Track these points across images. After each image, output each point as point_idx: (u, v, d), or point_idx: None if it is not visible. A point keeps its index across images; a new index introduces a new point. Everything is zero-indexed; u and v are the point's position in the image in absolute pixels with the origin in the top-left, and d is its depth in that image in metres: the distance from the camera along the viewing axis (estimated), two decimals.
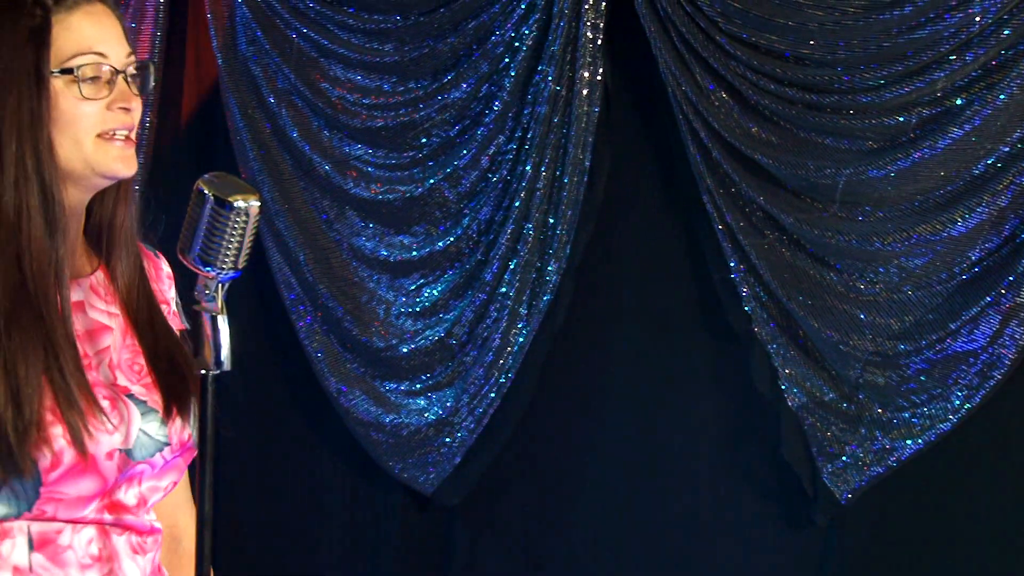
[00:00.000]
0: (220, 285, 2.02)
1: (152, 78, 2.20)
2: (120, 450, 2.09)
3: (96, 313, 2.18)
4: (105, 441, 2.07)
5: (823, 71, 4.78)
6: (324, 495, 5.32)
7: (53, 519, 2.08)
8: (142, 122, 4.96)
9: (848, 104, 4.78)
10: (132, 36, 4.99)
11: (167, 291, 2.35)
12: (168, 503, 2.32)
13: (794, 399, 4.91)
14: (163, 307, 2.30)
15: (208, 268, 2.00)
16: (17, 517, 2.06)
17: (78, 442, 2.03)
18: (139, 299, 2.23)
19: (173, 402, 2.18)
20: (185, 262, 2.02)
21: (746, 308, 4.93)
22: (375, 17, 5.08)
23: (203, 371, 2.02)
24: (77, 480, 2.06)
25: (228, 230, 1.98)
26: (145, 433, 2.13)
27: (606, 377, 5.17)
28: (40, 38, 2.07)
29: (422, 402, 5.15)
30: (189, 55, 5.21)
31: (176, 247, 2.02)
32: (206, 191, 1.99)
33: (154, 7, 5.08)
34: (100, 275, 2.21)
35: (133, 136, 2.16)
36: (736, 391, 5.07)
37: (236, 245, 1.99)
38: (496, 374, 5.08)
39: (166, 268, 2.37)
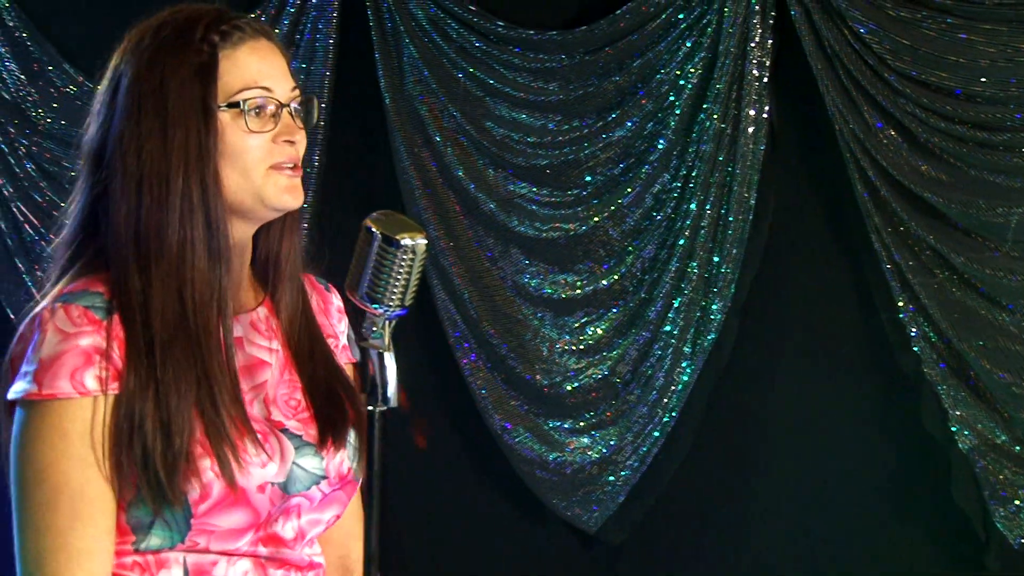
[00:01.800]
0: (387, 322, 2.03)
1: (316, 112, 2.21)
2: (273, 483, 2.10)
3: (255, 349, 2.20)
4: (256, 474, 2.08)
5: (994, 108, 4.71)
6: (488, 532, 5.33)
7: (207, 551, 2.09)
8: (310, 160, 5.10)
9: (1020, 141, 4.70)
10: (302, 76, 5.11)
11: (336, 325, 2.36)
12: (340, 533, 2.32)
13: (965, 441, 4.82)
14: (331, 341, 2.30)
15: (375, 305, 2.01)
16: (172, 548, 2.08)
17: (227, 474, 2.04)
18: (300, 332, 2.24)
19: (328, 435, 2.18)
20: (353, 299, 2.03)
21: (915, 348, 4.86)
22: (540, 56, 5.10)
23: (370, 407, 2.03)
24: (228, 512, 2.07)
25: (395, 268, 1.99)
26: (300, 467, 2.14)
27: (771, 417, 5.12)
28: (208, 73, 2.10)
29: (586, 440, 5.14)
30: (357, 95, 5.27)
31: (344, 284, 2.04)
32: (374, 229, 2.00)
33: (324, 48, 5.16)
34: (263, 310, 2.23)
35: (298, 167, 2.18)
36: (905, 432, 4.99)
37: (403, 283, 2.00)
38: (660, 413, 5.06)
39: (337, 302, 2.37)
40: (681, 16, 5.00)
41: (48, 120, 5.32)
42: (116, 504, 2.05)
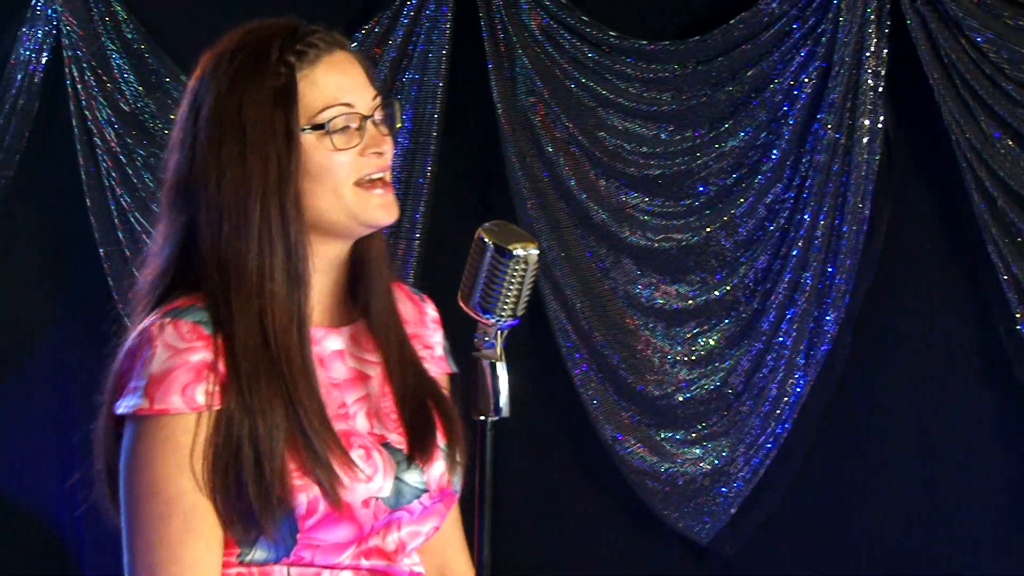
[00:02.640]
0: (499, 332, 2.03)
1: (399, 114, 2.20)
2: (377, 498, 2.11)
3: (355, 362, 2.20)
4: (360, 489, 2.09)
5: None
6: (599, 543, 5.32)
7: (311, 564, 2.10)
8: (422, 170, 5.13)
9: None
10: (415, 87, 5.14)
11: (431, 335, 2.35)
12: (438, 543, 2.33)
13: None
14: (425, 352, 2.31)
15: (487, 315, 2.02)
16: (276, 562, 2.10)
17: (330, 494, 2.05)
18: (391, 345, 2.24)
19: (418, 447, 2.18)
20: (465, 309, 2.04)
21: None
22: (653, 66, 5.09)
23: (481, 417, 2.04)
24: (333, 528, 2.08)
25: (507, 278, 2.00)
26: (402, 480, 2.14)
27: (885, 430, 5.06)
28: (287, 97, 2.10)
29: (698, 451, 5.12)
30: (469, 105, 5.29)
31: (457, 294, 2.05)
32: (486, 239, 2.01)
33: (437, 59, 5.18)
34: (361, 324, 2.24)
35: (388, 178, 2.17)
36: (1023, 448, 4.92)
37: (515, 293, 2.01)
38: (772, 424, 5.03)
39: (431, 312, 2.37)
40: (796, 25, 4.97)
41: (165, 131, 5.39)
42: (223, 517, 2.07)
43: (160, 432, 2.04)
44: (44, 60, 5.43)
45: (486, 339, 2.04)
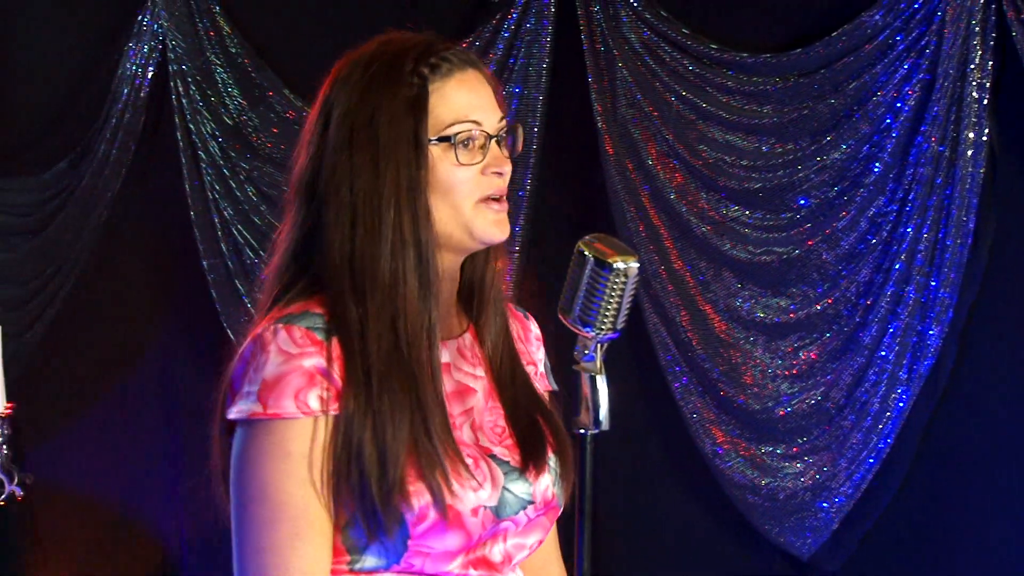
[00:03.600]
0: (599, 345, 2.03)
1: (521, 140, 2.23)
2: (485, 507, 2.12)
3: (462, 375, 2.22)
4: (470, 498, 2.10)
5: None
6: (700, 557, 5.30)
7: (420, 572, 2.11)
8: (521, 183, 5.14)
9: None
10: (515, 100, 5.16)
11: (535, 352, 2.37)
12: (538, 559, 2.33)
13: None
14: (530, 368, 2.32)
15: (587, 328, 2.02)
16: (386, 569, 2.11)
17: (439, 501, 2.06)
18: (503, 359, 2.25)
19: (530, 460, 2.19)
20: (565, 322, 2.04)
21: None
22: (754, 79, 5.08)
23: (581, 430, 2.04)
24: (443, 535, 2.09)
25: (607, 291, 2.00)
26: (510, 491, 2.15)
27: (989, 444, 5.01)
28: (419, 107, 2.12)
29: (799, 466, 5.09)
30: (569, 118, 5.30)
31: (556, 307, 2.05)
32: (586, 252, 2.01)
33: (537, 72, 5.20)
34: (468, 337, 2.25)
35: (504, 199, 2.19)
36: None
37: (615, 306, 2.01)
38: (875, 439, 4.99)
39: (535, 330, 2.39)
40: (899, 38, 4.93)
41: (268, 145, 5.44)
42: (333, 524, 2.08)
43: (271, 436, 2.06)
44: (150, 75, 5.51)
45: (586, 352, 2.04)
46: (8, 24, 5.65)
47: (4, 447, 4.33)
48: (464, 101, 2.15)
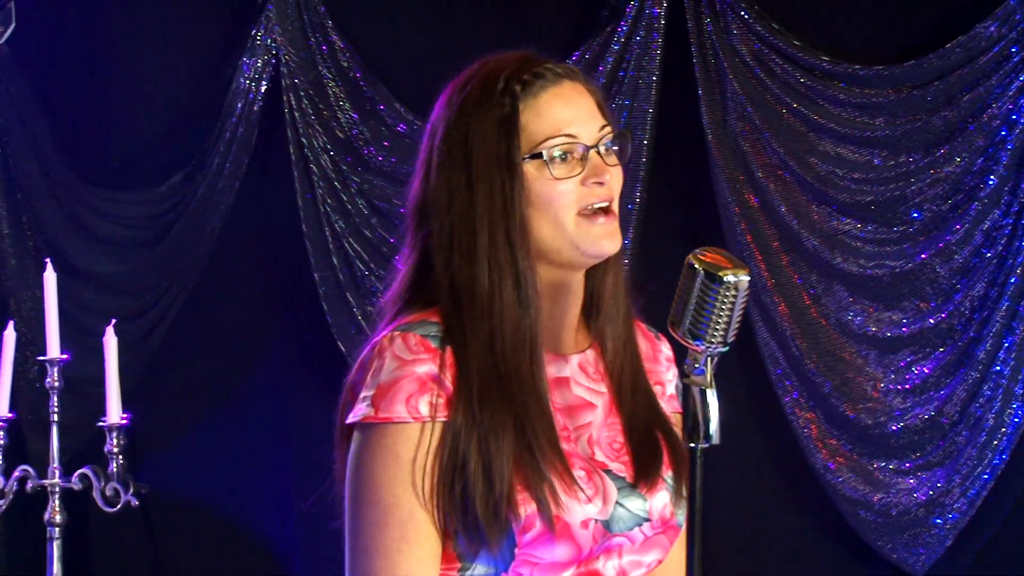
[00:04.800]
0: (709, 359, 2.03)
1: (629, 147, 2.22)
2: (595, 520, 2.12)
3: (580, 390, 2.22)
4: (578, 510, 2.10)
5: None
6: (811, 573, 5.26)
7: None
8: (631, 195, 5.14)
9: None
10: (625, 113, 5.16)
11: (663, 373, 2.35)
12: None
13: None
14: (656, 388, 2.31)
15: (697, 342, 2.01)
16: None
17: (545, 513, 2.07)
18: (624, 375, 2.24)
19: (642, 477, 2.19)
20: (675, 335, 2.04)
21: None
22: (866, 91, 5.04)
23: (691, 444, 2.03)
24: (551, 546, 2.10)
25: (717, 304, 1.99)
26: (623, 507, 2.14)
27: None
28: (510, 126, 2.13)
29: (912, 481, 5.04)
30: (679, 131, 5.28)
31: (666, 320, 2.04)
32: (696, 265, 2.00)
33: (647, 85, 5.19)
34: (591, 353, 2.25)
35: (614, 207, 2.19)
36: None
37: (725, 319, 2.00)
38: (989, 455, 4.93)
39: (666, 351, 2.37)
40: (1015, 49, 4.88)
41: (379, 158, 5.48)
42: (443, 530, 2.10)
43: (382, 440, 2.09)
44: (263, 88, 5.56)
45: (696, 366, 2.03)
46: (125, 39, 5.74)
47: (120, 457, 4.39)
48: (557, 115, 2.15)
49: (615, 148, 2.19)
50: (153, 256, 5.65)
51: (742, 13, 5.15)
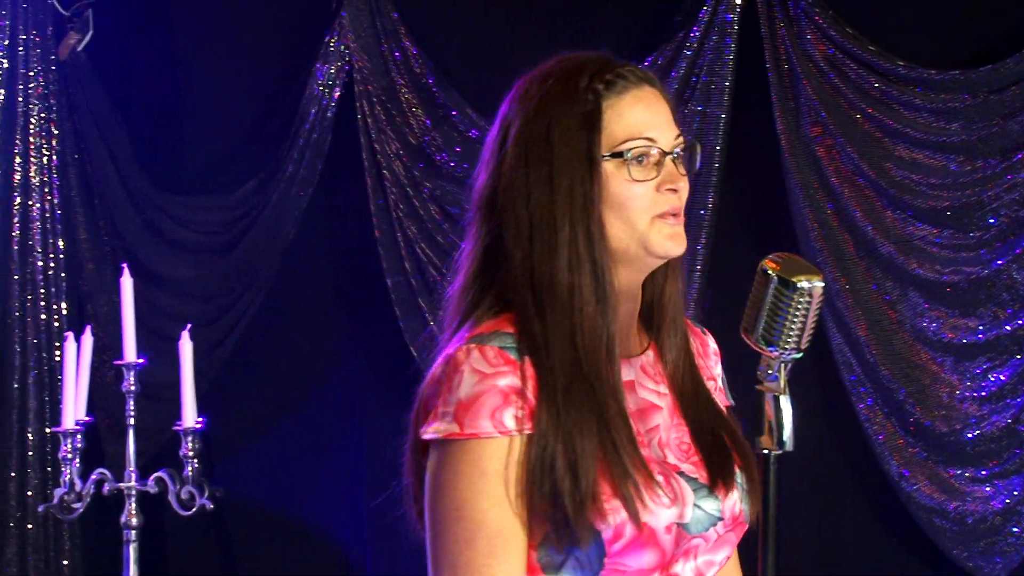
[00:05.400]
0: (783, 365, 2.02)
1: (698, 158, 2.22)
2: (676, 524, 2.12)
3: (646, 392, 2.22)
4: (663, 515, 2.10)
5: None
6: None
7: None
8: (703, 201, 5.12)
9: None
10: (697, 119, 5.15)
11: (713, 368, 2.36)
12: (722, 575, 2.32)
13: None
14: (709, 384, 2.31)
15: (771, 348, 2.01)
16: None
17: (633, 515, 2.07)
18: (684, 376, 2.25)
19: (718, 477, 2.18)
20: (748, 342, 2.03)
21: None
22: (942, 96, 5.01)
23: (765, 451, 2.02)
24: (639, 553, 2.10)
25: (791, 310, 1.99)
26: (699, 508, 2.15)
27: None
28: (592, 123, 2.13)
29: (988, 489, 4.99)
30: (752, 136, 5.27)
31: (739, 327, 2.04)
32: (770, 271, 2.00)
33: (720, 91, 5.18)
34: (650, 354, 2.25)
35: (681, 215, 2.19)
36: None
37: (799, 326, 1.99)
38: None
39: (712, 345, 2.38)
40: None
41: (451, 164, 5.49)
42: (527, 542, 2.10)
43: (467, 456, 2.08)
44: (336, 95, 5.59)
45: (769, 372, 2.03)
46: (200, 46, 5.79)
47: (195, 461, 4.42)
48: (639, 118, 2.16)
49: (686, 159, 2.19)
50: (227, 262, 5.69)
51: (816, 18, 5.12)
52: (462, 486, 2.09)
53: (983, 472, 5.01)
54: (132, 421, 4.52)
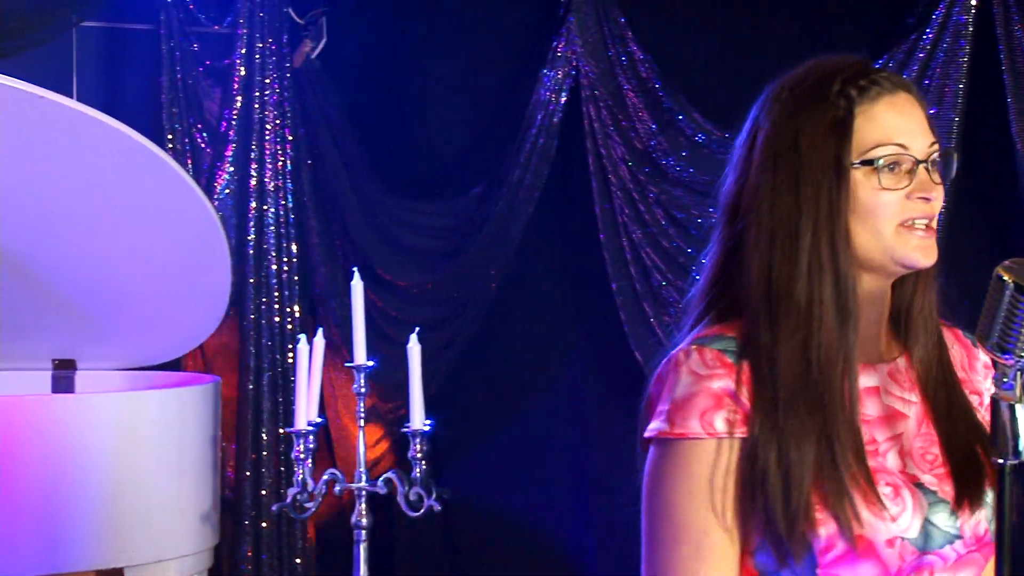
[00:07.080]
0: (1019, 373, 1.97)
1: (954, 166, 2.17)
2: (903, 538, 2.08)
3: (892, 399, 2.17)
4: (882, 528, 2.05)
5: None
6: None
7: None
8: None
9: None
10: (930, 121, 5.05)
11: (981, 382, 2.28)
12: None
13: None
14: (974, 398, 2.25)
15: (1006, 356, 1.96)
16: None
17: (846, 532, 2.03)
18: (936, 386, 2.19)
19: (966, 495, 2.13)
20: (982, 349, 1.99)
21: None
22: None
23: (999, 461, 1.98)
24: (855, 565, 2.05)
25: None
26: (932, 523, 2.09)
27: None
28: (843, 130, 2.09)
29: None
30: (986, 140, 5.16)
31: (974, 334, 2.00)
32: (1005, 277, 1.95)
33: (953, 93, 5.08)
34: (902, 361, 2.20)
35: (933, 225, 2.14)
36: None
37: None
38: None
39: (983, 358, 2.31)
40: None
41: (677, 168, 5.48)
42: (738, 548, 2.08)
43: (676, 456, 2.08)
44: (563, 100, 5.62)
45: (1004, 380, 1.98)
46: (429, 53, 5.86)
47: (423, 462, 4.47)
48: (891, 124, 2.11)
49: (941, 167, 2.15)
50: (455, 266, 5.75)
51: None
52: (671, 486, 2.08)
53: None
54: (362, 423, 4.59)
